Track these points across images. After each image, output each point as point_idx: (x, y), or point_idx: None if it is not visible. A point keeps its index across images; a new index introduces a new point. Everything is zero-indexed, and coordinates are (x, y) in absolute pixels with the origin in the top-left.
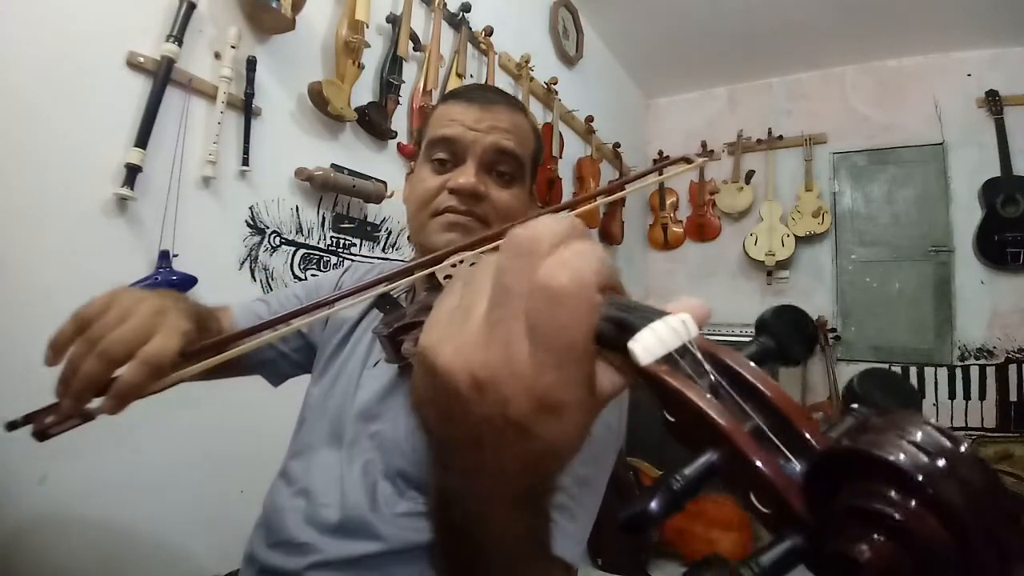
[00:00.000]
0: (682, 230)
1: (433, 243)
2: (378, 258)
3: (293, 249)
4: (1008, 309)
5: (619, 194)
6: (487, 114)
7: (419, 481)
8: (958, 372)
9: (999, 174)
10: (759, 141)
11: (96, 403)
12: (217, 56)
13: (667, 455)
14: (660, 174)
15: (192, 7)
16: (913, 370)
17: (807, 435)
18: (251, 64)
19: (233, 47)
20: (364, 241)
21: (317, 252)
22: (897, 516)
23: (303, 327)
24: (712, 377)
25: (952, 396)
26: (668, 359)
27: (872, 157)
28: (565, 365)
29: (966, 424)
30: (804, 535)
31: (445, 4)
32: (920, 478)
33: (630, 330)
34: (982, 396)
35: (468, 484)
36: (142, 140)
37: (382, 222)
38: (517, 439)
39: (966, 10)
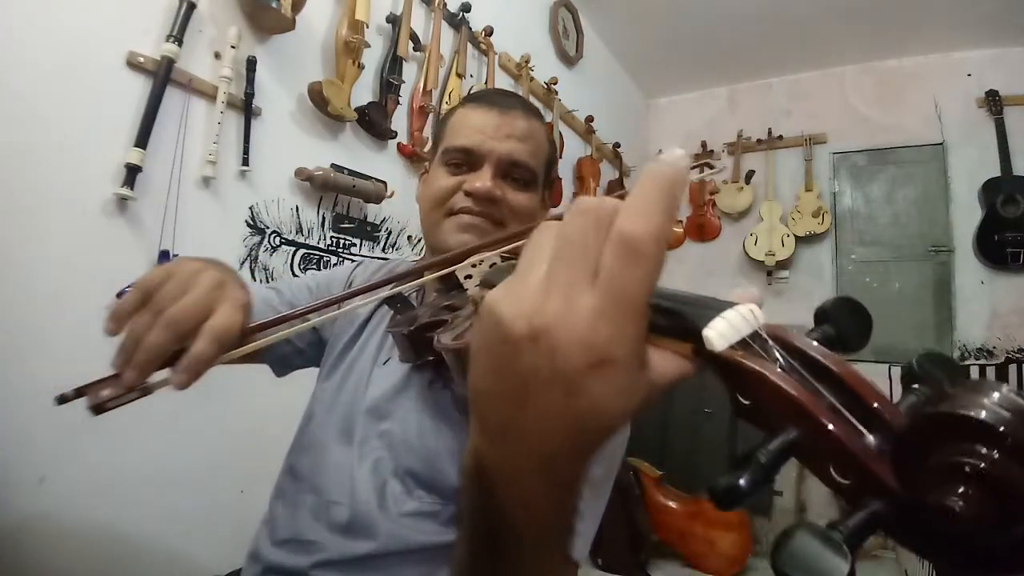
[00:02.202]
0: (682, 230)
1: (446, 242)
2: (379, 258)
3: (293, 249)
4: (1008, 309)
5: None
6: (505, 120)
7: (428, 480)
8: None
9: (999, 174)
10: (759, 141)
11: (157, 377)
12: (217, 56)
13: (667, 455)
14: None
15: (192, 7)
16: None
17: (879, 409)
18: (251, 64)
19: (233, 47)
20: (364, 241)
21: (317, 252)
22: (985, 467)
23: (316, 322)
24: (784, 360)
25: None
26: (742, 344)
27: (872, 157)
28: (623, 317)
29: None
30: (885, 501)
31: (445, 4)
32: (1003, 429)
33: (701, 318)
34: None
35: (505, 449)
36: (142, 140)
37: (382, 222)
38: (563, 395)
39: (966, 10)
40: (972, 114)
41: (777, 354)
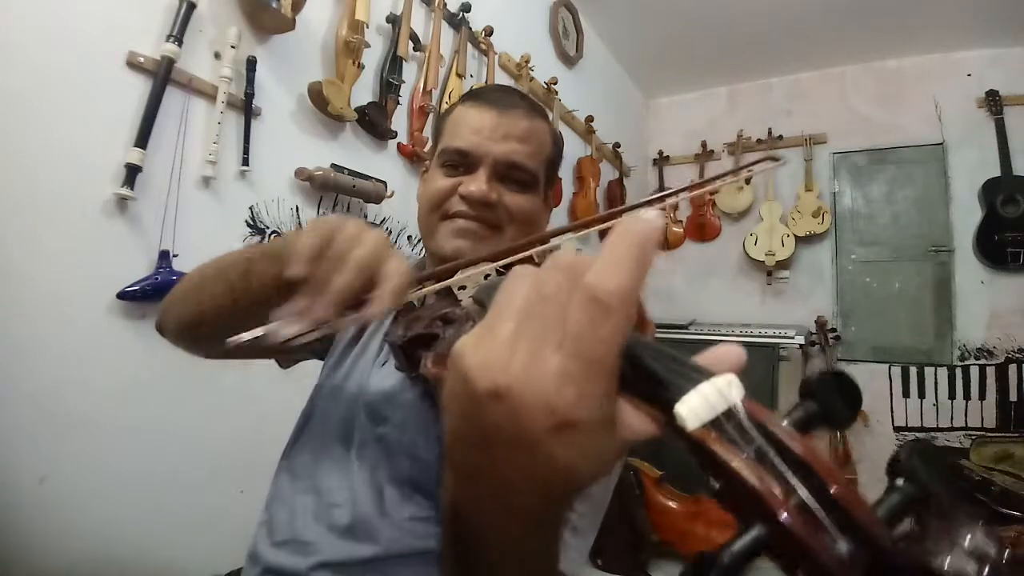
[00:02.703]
0: (682, 230)
1: (441, 247)
2: None
3: None
4: (1008, 309)
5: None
6: (504, 120)
7: (426, 486)
8: (958, 372)
9: (999, 174)
10: (759, 141)
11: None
12: (217, 56)
13: (667, 456)
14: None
15: (192, 7)
16: (913, 370)
17: (854, 513)
18: (251, 64)
19: (233, 47)
20: None
21: None
22: None
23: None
24: (757, 444)
25: (952, 396)
26: (714, 423)
27: (872, 157)
28: (589, 378)
29: (966, 424)
30: None
31: (445, 4)
32: None
33: (674, 388)
34: (982, 396)
35: (476, 491)
36: (142, 140)
37: (382, 222)
38: (528, 455)
39: (966, 10)
40: (972, 114)
41: (752, 436)
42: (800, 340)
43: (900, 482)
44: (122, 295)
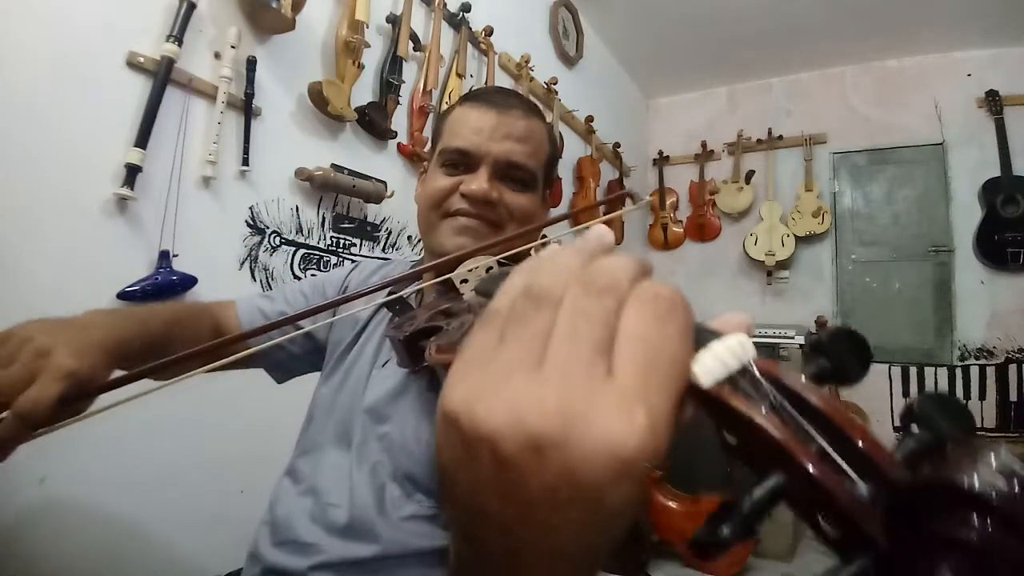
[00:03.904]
0: (682, 230)
1: (442, 245)
2: (379, 258)
3: (293, 249)
4: (1008, 309)
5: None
6: (503, 120)
7: (427, 484)
8: (958, 372)
9: (999, 174)
10: (759, 141)
11: None
12: (217, 56)
13: (667, 455)
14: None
15: (192, 7)
16: (913, 370)
17: (872, 456)
18: (251, 64)
19: (233, 47)
20: (364, 241)
21: (317, 252)
22: (979, 540)
23: (308, 328)
24: (773, 398)
25: (952, 396)
26: (729, 381)
27: (872, 157)
28: (660, 390)
29: None
30: (874, 560)
31: (445, 4)
32: (1000, 503)
33: None
34: (982, 396)
35: (507, 570)
36: (142, 140)
37: (382, 222)
38: (584, 513)
39: (966, 10)
40: (972, 114)
41: (766, 391)
42: (800, 340)
43: (915, 428)
44: (122, 295)
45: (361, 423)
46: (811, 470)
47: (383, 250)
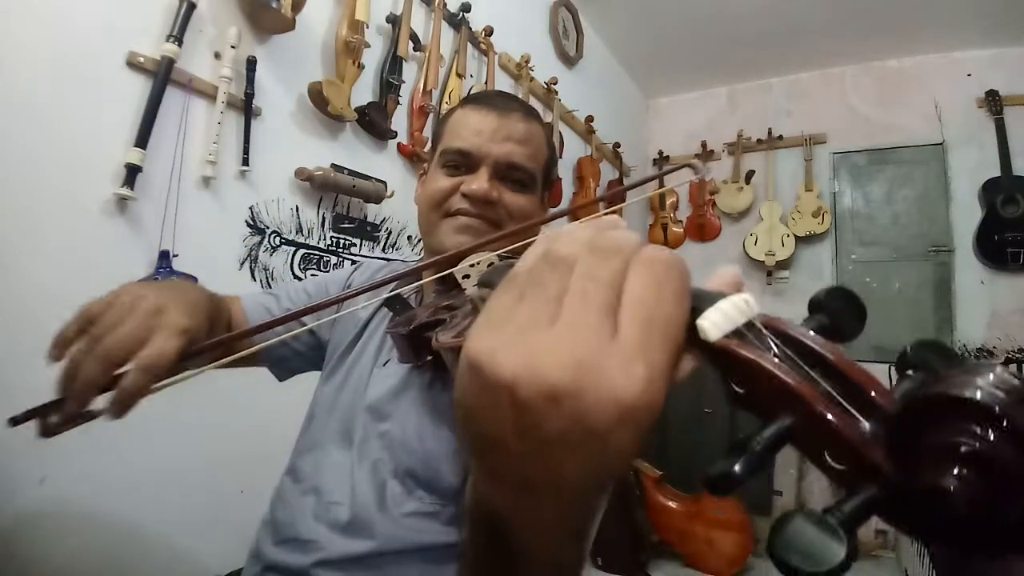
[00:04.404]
0: (682, 230)
1: (443, 244)
2: (380, 258)
3: (293, 249)
4: (1008, 309)
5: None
6: (504, 122)
7: (428, 481)
8: None
9: (999, 174)
10: (759, 141)
11: (99, 403)
12: (217, 56)
13: (667, 455)
14: (661, 182)
15: (192, 7)
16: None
17: (874, 396)
18: (251, 64)
19: (233, 47)
20: (364, 241)
21: (317, 252)
22: (980, 447)
23: (312, 325)
24: (778, 349)
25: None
26: (736, 334)
27: (872, 157)
28: (658, 347)
29: None
30: (880, 486)
31: (445, 4)
32: (999, 411)
33: (694, 311)
34: None
35: (523, 503)
36: (142, 140)
37: (382, 222)
38: (596, 452)
39: (966, 10)
40: (972, 114)
41: (771, 343)
42: None
43: (911, 372)
44: None
45: (362, 421)
46: (818, 408)
47: (383, 250)
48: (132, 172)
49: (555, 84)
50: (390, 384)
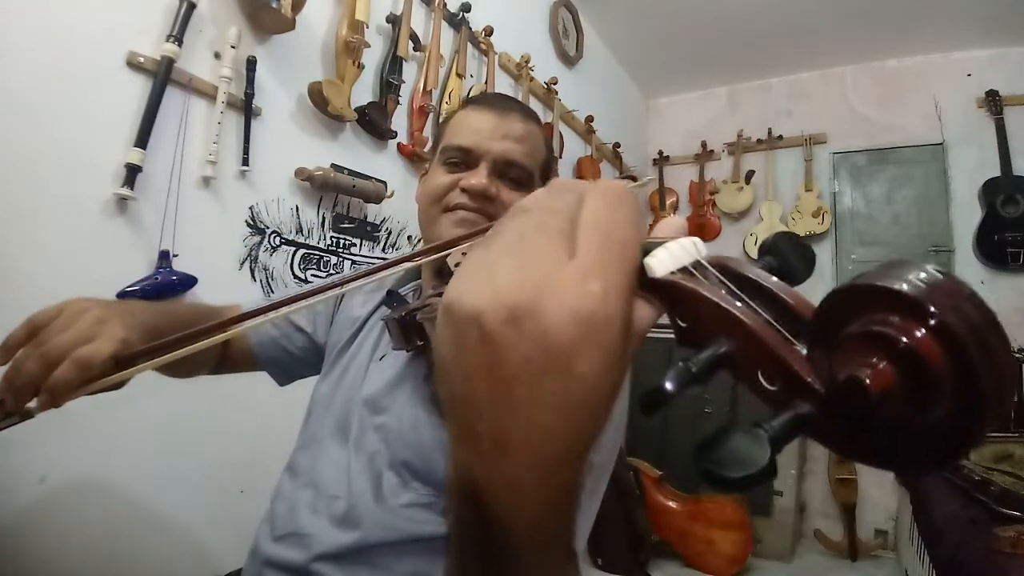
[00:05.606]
0: None
1: (441, 238)
2: (379, 258)
3: (293, 249)
4: (1008, 309)
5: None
6: (502, 122)
7: (424, 472)
8: None
9: (999, 174)
10: (759, 141)
11: (34, 403)
12: (217, 56)
13: (667, 455)
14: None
15: (192, 7)
16: None
17: (809, 321)
18: (251, 64)
19: (233, 47)
20: (364, 241)
21: (317, 252)
22: (903, 340)
23: (294, 317)
24: (721, 281)
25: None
26: (682, 271)
27: (872, 157)
28: (612, 267)
29: None
30: (810, 403)
31: (445, 4)
32: (926, 306)
33: (644, 254)
34: None
35: (500, 464)
36: (142, 140)
37: (382, 222)
38: (562, 381)
39: (966, 10)
40: (972, 114)
41: (715, 276)
42: None
43: (769, 259)
44: (122, 295)
45: (359, 415)
46: (752, 328)
47: (383, 250)
48: (132, 172)
49: (555, 84)
50: (386, 377)
